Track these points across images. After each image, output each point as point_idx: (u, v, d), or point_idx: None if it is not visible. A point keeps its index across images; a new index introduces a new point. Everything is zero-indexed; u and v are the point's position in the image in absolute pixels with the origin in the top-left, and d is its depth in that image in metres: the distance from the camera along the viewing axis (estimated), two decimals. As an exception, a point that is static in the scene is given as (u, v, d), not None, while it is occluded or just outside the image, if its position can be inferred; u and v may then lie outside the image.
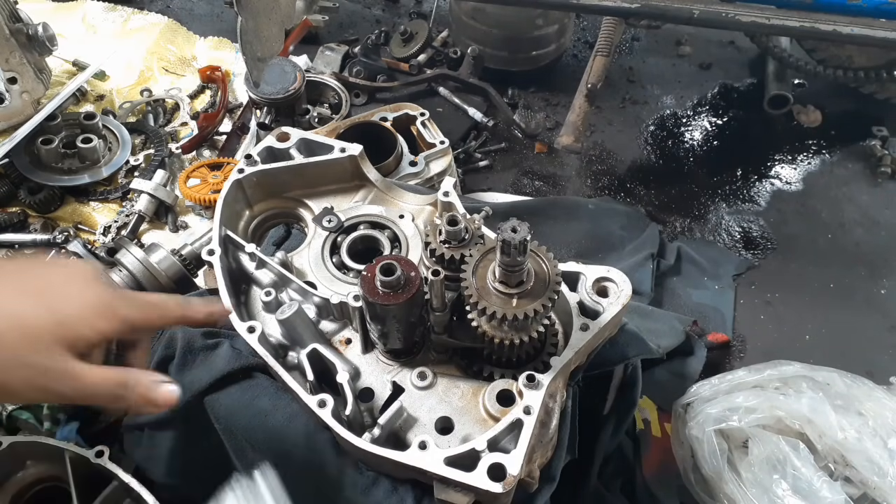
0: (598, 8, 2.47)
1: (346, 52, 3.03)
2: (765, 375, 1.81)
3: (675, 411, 1.86)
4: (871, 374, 1.89)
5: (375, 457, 1.13)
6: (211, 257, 1.36)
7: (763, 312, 2.35)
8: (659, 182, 2.77)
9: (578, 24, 3.46)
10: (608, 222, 2.46)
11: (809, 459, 1.63)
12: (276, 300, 1.35)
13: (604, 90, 2.63)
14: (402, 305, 1.14)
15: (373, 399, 1.25)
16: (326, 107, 2.68)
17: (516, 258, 1.06)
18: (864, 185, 2.77)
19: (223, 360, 1.39)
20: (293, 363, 1.30)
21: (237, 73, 2.87)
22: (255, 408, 1.34)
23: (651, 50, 3.39)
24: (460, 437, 1.19)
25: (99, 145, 2.37)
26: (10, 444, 1.44)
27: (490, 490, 1.06)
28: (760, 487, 1.62)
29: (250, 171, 1.50)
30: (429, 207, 1.54)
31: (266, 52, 2.04)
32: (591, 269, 1.32)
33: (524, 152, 2.87)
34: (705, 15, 2.32)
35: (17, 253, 2.18)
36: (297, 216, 1.59)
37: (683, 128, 3.02)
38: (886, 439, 1.65)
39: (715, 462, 1.68)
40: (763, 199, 2.72)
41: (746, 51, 3.33)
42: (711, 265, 2.44)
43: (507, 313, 1.10)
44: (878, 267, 2.47)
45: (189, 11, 3.44)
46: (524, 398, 1.15)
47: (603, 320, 1.26)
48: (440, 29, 3.18)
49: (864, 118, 2.97)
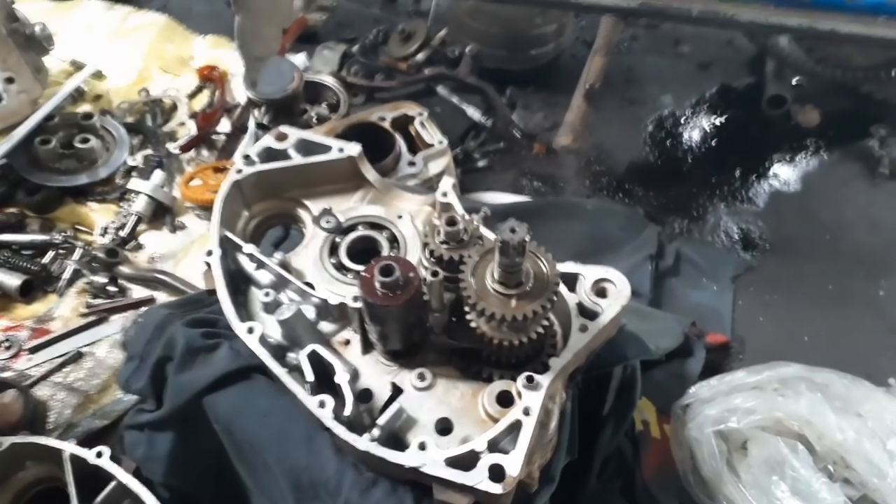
0: (597, 7, 2.47)
1: (344, 51, 3.03)
2: (764, 377, 1.81)
3: (675, 412, 1.86)
4: (869, 376, 1.89)
5: (375, 458, 1.13)
6: (210, 258, 1.35)
7: (762, 314, 2.35)
8: (657, 182, 2.77)
9: (577, 23, 3.46)
10: (607, 223, 2.46)
11: (808, 461, 1.64)
12: (275, 301, 1.34)
13: (602, 90, 2.63)
14: (401, 306, 1.13)
15: (372, 400, 1.24)
16: (325, 106, 2.68)
17: (515, 259, 1.06)
18: (862, 186, 2.77)
19: (222, 360, 1.39)
20: (292, 364, 1.29)
21: (235, 73, 2.86)
22: (254, 408, 1.34)
23: (650, 49, 3.39)
24: (460, 438, 1.19)
25: (97, 145, 2.37)
26: (9, 445, 1.44)
27: (489, 491, 1.06)
28: (759, 489, 1.62)
29: (248, 171, 1.49)
30: (427, 208, 1.54)
31: (264, 51, 2.03)
32: (590, 270, 1.32)
33: (523, 152, 2.87)
34: (704, 14, 2.31)
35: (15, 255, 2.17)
36: (296, 217, 1.59)
37: (682, 128, 3.02)
38: (885, 440, 1.65)
39: (714, 463, 1.68)
40: (761, 199, 2.72)
41: (745, 50, 3.33)
42: (710, 266, 2.44)
43: (506, 314, 1.10)
44: (876, 268, 2.47)
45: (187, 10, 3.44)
46: (523, 399, 1.15)
47: (602, 321, 1.26)
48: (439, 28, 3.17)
49: (862, 118, 2.97)
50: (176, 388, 1.42)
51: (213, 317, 1.50)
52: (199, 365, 1.42)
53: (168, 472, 1.52)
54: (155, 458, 1.51)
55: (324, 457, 1.27)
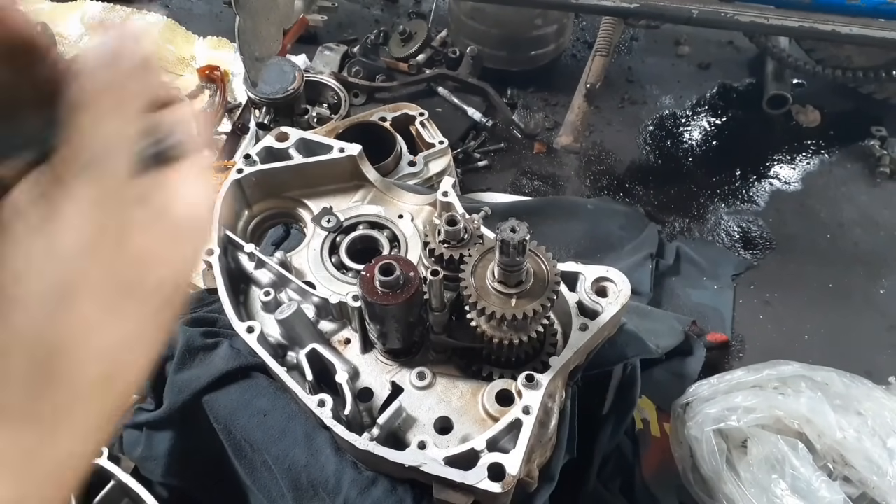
0: (597, 8, 2.47)
1: (344, 51, 3.03)
2: (763, 375, 1.81)
3: (674, 411, 1.86)
4: (869, 374, 1.89)
5: (374, 456, 1.13)
6: (210, 257, 1.36)
7: (762, 312, 2.35)
8: (658, 182, 2.77)
9: (577, 24, 3.46)
10: (607, 222, 2.46)
11: (808, 459, 1.64)
12: (275, 300, 1.34)
13: (603, 90, 2.63)
14: (401, 305, 1.13)
15: (372, 399, 1.24)
16: (325, 107, 2.68)
17: (515, 258, 1.06)
18: (862, 185, 2.77)
19: (222, 359, 1.39)
20: (292, 363, 1.29)
21: (236, 73, 2.86)
22: (253, 407, 1.34)
23: (650, 50, 3.39)
24: (459, 436, 1.19)
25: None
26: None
27: (489, 490, 1.06)
28: (759, 487, 1.62)
29: (249, 170, 1.50)
30: (428, 207, 1.54)
31: (264, 52, 2.03)
32: (590, 269, 1.32)
33: (523, 152, 2.87)
34: (704, 15, 2.32)
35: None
36: (296, 216, 1.59)
37: (682, 128, 3.02)
38: (885, 439, 1.65)
39: (714, 462, 1.68)
40: (762, 198, 2.72)
41: (745, 51, 3.33)
42: (710, 265, 2.44)
43: (507, 313, 1.10)
44: (876, 267, 2.47)
45: (188, 11, 3.45)
46: (523, 398, 1.15)
47: (602, 320, 1.26)
48: (439, 29, 3.18)
49: (862, 118, 2.98)
50: (175, 386, 1.42)
51: (212, 316, 1.50)
52: (198, 364, 1.42)
53: (167, 471, 1.52)
54: (154, 458, 1.51)
55: (323, 456, 1.27)
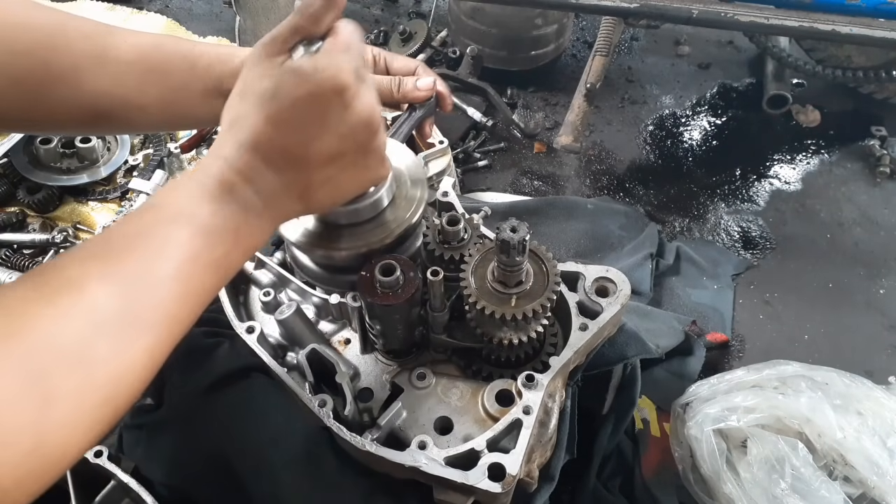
0: (597, 8, 2.47)
1: (345, 51, 3.03)
2: (763, 375, 1.81)
3: (674, 411, 1.86)
4: (870, 374, 1.89)
5: (374, 457, 1.13)
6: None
7: (762, 312, 2.35)
8: (658, 182, 2.77)
9: (577, 23, 3.47)
10: (607, 222, 2.46)
11: (808, 459, 1.63)
12: (274, 300, 1.34)
13: (603, 90, 2.63)
14: (402, 305, 1.13)
15: (372, 399, 1.24)
16: (325, 106, 2.67)
17: (515, 258, 1.06)
18: (862, 185, 2.77)
19: (222, 360, 1.39)
20: (292, 363, 1.29)
21: (236, 73, 2.86)
22: (254, 408, 1.34)
23: (650, 50, 3.40)
24: (459, 437, 1.19)
25: (98, 145, 2.36)
26: (8, 445, 1.43)
27: (489, 490, 1.06)
28: (759, 487, 1.62)
29: (249, 170, 1.49)
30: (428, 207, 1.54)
31: (265, 51, 2.03)
32: (591, 268, 1.32)
33: (523, 152, 2.87)
34: (704, 15, 2.32)
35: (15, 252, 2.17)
36: (296, 216, 1.58)
37: (682, 127, 3.02)
38: (885, 439, 1.65)
39: (714, 462, 1.68)
40: (762, 198, 2.73)
41: (745, 51, 3.33)
42: (710, 265, 2.44)
43: (506, 313, 1.10)
44: (877, 266, 2.47)
45: (188, 11, 3.45)
46: (523, 398, 1.15)
47: (602, 320, 1.26)
48: (439, 29, 3.18)
49: (862, 118, 2.98)
50: (176, 387, 1.42)
51: (212, 316, 1.50)
52: (199, 364, 1.42)
53: (167, 471, 1.51)
54: (154, 458, 1.51)
55: (324, 456, 1.27)
